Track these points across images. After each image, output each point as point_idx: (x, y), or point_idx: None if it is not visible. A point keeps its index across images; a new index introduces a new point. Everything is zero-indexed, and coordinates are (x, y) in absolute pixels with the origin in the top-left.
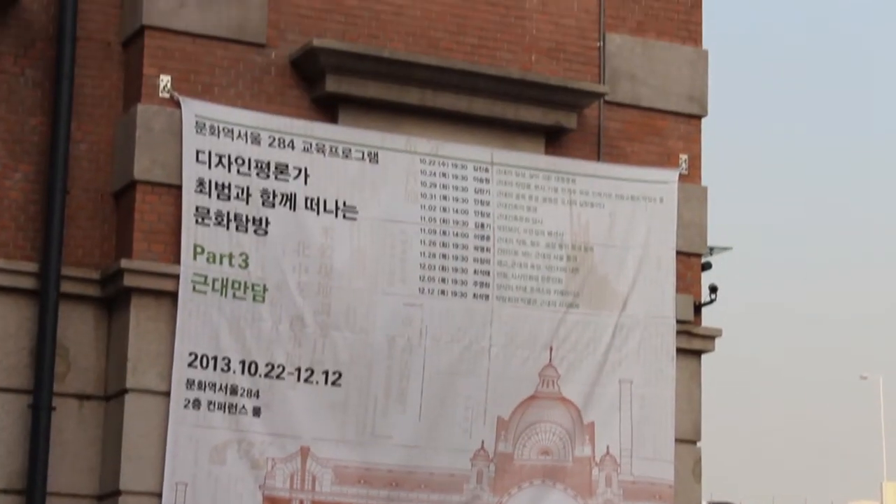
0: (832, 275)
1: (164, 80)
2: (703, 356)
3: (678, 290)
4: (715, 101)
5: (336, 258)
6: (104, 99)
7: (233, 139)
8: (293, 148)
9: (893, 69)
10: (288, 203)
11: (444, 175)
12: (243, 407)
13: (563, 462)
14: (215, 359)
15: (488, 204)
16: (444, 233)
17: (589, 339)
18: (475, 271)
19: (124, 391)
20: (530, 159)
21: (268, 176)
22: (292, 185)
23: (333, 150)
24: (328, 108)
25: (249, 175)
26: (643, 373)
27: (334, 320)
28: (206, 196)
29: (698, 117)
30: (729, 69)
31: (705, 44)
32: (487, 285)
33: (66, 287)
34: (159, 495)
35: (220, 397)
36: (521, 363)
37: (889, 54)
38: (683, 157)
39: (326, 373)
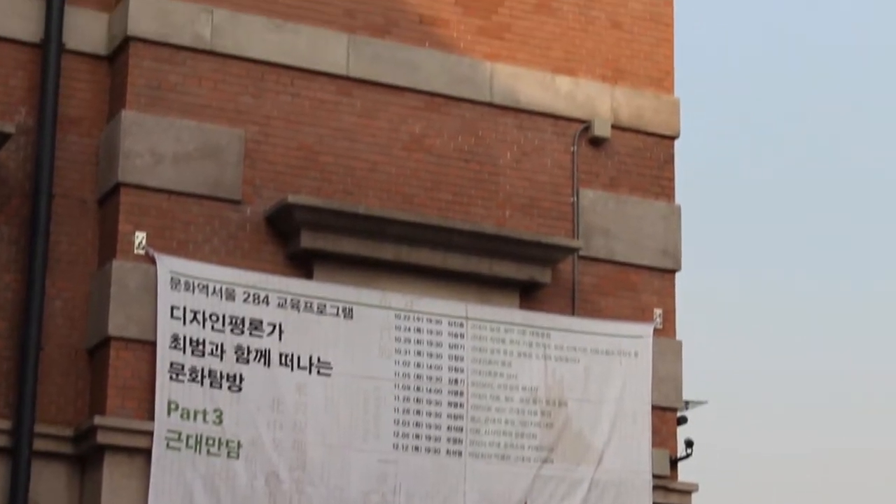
0: (809, 424)
1: (140, 236)
2: None
3: (654, 444)
4: (689, 253)
5: (310, 414)
6: (79, 256)
7: (207, 295)
8: (268, 304)
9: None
10: (262, 359)
11: (418, 330)
12: None
13: None
14: None
15: (462, 359)
16: (418, 388)
17: (564, 495)
18: (448, 427)
19: None
20: (505, 314)
21: (242, 332)
22: (267, 342)
23: (308, 305)
24: (303, 264)
25: (224, 331)
26: None
27: (309, 476)
28: (181, 352)
29: (672, 272)
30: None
31: (678, 199)
32: (461, 441)
33: (39, 445)
34: None
35: None
36: None
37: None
38: (658, 311)
39: None
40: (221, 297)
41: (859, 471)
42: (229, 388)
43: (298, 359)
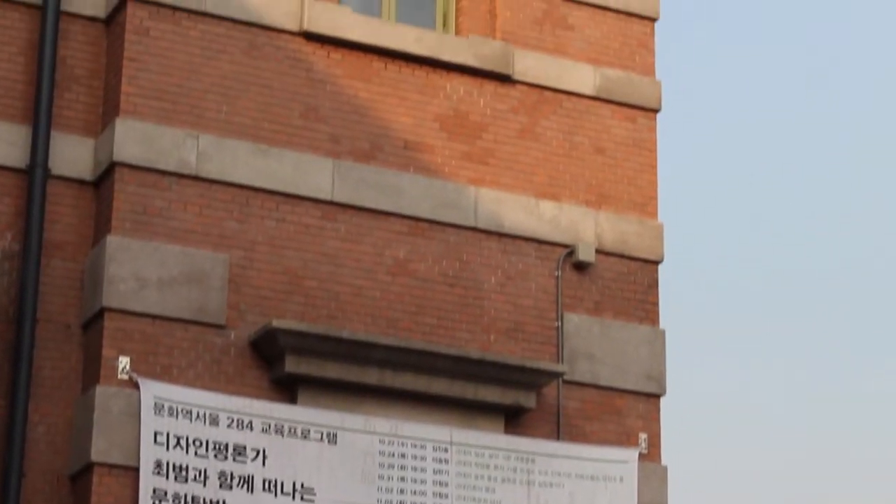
0: None
1: (123, 361)
2: None
3: None
4: (673, 377)
5: None
6: (63, 381)
7: (191, 421)
8: (252, 429)
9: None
10: (246, 485)
11: (402, 455)
12: None
13: None
14: None
15: (447, 485)
16: None
17: None
18: None
19: None
20: (489, 439)
21: (226, 458)
22: (250, 467)
23: (292, 430)
24: (288, 388)
25: (207, 457)
26: None
27: None
28: (164, 478)
29: (657, 396)
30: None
31: (662, 323)
32: None
33: None
34: None
35: None
36: None
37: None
38: (643, 435)
39: None
40: (205, 422)
41: None
42: None
43: (282, 485)
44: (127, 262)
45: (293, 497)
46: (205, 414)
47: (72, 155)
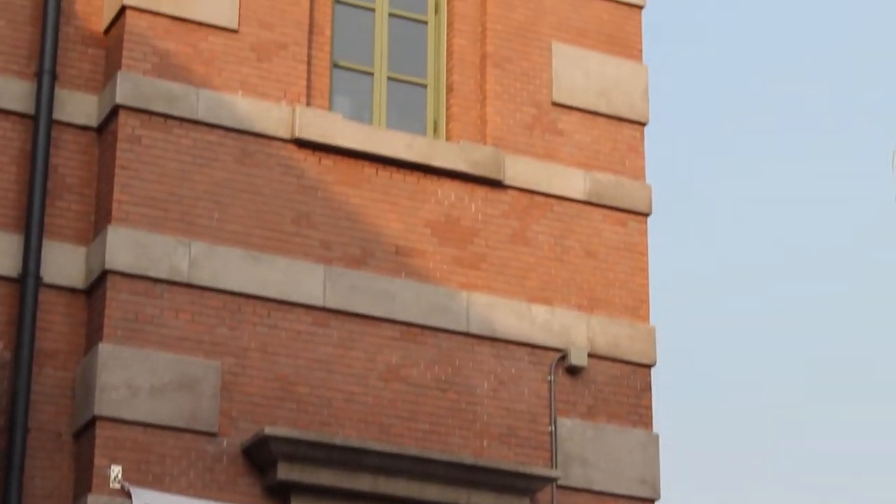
0: None
1: (115, 470)
2: None
3: None
4: (666, 481)
5: None
6: (54, 490)
7: None
8: None
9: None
10: None
11: None
12: None
13: None
14: None
15: None
16: None
17: None
18: None
19: None
20: None
21: None
22: None
23: None
24: (280, 496)
25: None
26: None
27: None
28: None
29: (651, 500)
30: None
31: (656, 427)
32: None
33: None
34: None
35: None
36: None
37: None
38: None
39: None
40: None
41: None
42: None
43: None
44: (118, 370)
45: None
46: None
47: (64, 263)
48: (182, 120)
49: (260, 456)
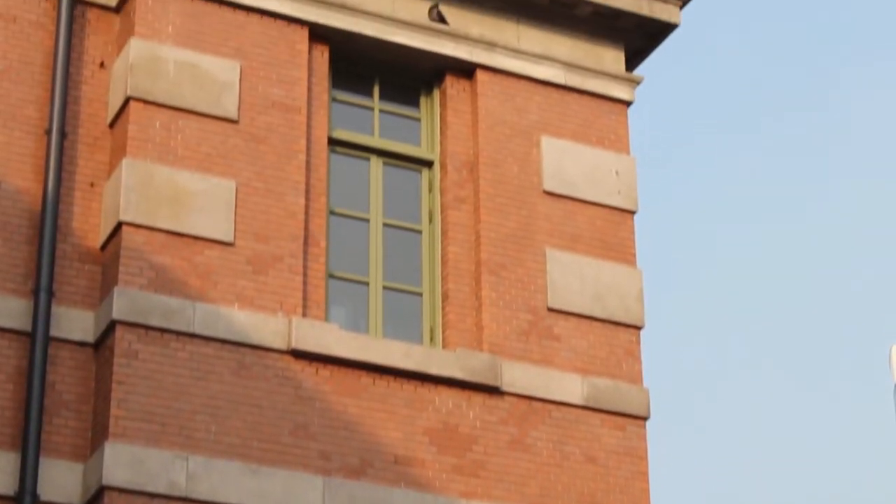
0: None
1: None
2: None
3: None
4: None
5: None
6: None
7: None
8: None
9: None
10: None
11: None
12: None
13: None
14: None
15: None
16: None
17: None
18: None
19: None
20: None
21: None
22: None
23: None
24: None
25: None
26: None
27: None
28: None
29: None
30: None
31: None
32: None
33: None
34: None
35: None
36: None
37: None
38: None
39: None
40: None
41: None
42: None
43: None
44: None
45: None
46: None
47: (60, 480)
48: (179, 334)
49: None
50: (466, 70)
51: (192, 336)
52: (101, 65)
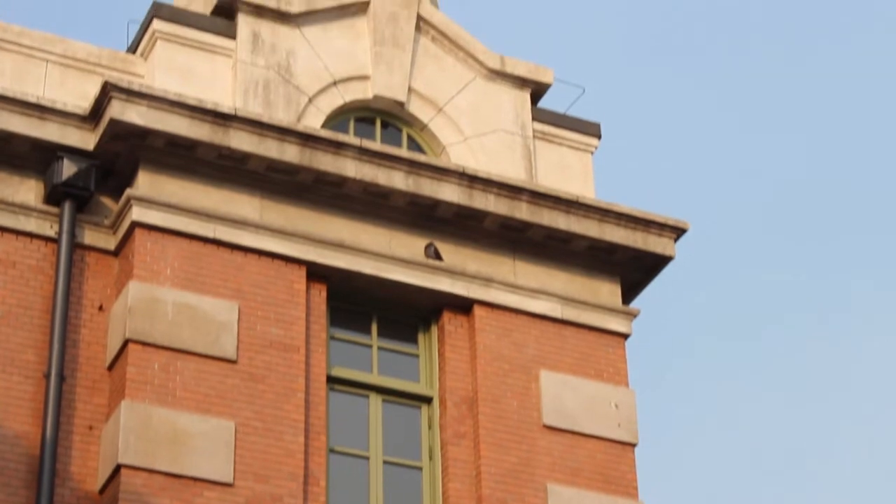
0: None
1: None
2: None
3: None
4: None
5: None
6: None
7: None
8: None
9: None
10: None
11: None
12: None
13: None
14: None
15: None
16: None
17: None
18: None
19: None
20: None
21: None
22: None
23: None
24: None
25: None
26: None
27: None
28: None
29: None
30: None
31: None
32: None
33: None
34: None
35: None
36: None
37: None
38: None
39: None
40: None
41: None
42: None
43: None
44: None
45: None
46: None
47: None
48: None
49: None
50: (464, 306)
51: None
52: (100, 308)
